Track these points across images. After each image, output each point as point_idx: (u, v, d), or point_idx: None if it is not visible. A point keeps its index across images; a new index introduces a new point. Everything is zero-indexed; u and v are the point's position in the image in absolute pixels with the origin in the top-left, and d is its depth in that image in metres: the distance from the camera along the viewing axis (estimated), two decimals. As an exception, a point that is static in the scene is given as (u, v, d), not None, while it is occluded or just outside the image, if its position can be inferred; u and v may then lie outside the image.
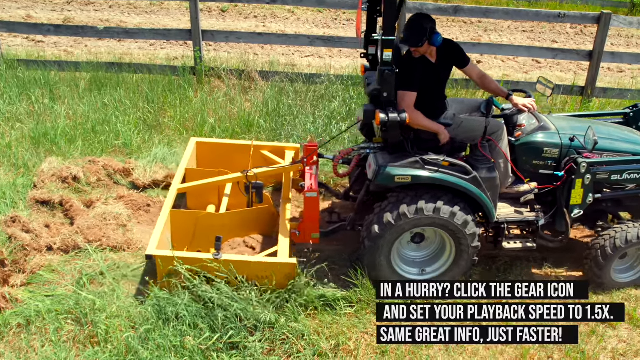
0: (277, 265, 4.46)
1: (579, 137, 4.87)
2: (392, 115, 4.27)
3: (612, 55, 8.68)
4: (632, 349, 4.53)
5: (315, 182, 4.97)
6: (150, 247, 4.41)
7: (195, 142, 5.95)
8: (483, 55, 11.51)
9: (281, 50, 10.88)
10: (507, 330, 4.12)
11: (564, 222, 4.95)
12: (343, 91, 7.91)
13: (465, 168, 4.59)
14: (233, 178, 5.29)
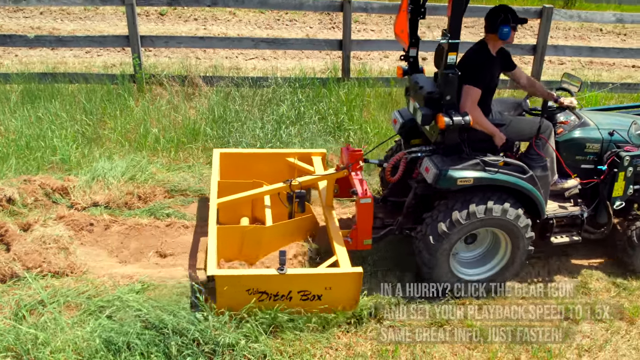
0: (343, 276, 4.35)
1: (618, 131, 5.06)
2: (456, 119, 4.26)
3: (555, 49, 8.80)
4: (596, 344, 4.52)
5: (368, 188, 4.87)
6: (210, 268, 4.20)
7: (219, 153, 5.72)
8: (428, 53, 11.53)
9: (224, 54, 10.59)
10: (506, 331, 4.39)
11: (606, 214, 5.09)
12: (291, 94, 7.72)
13: (522, 167, 4.62)
14: (276, 188, 5.15)
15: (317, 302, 4.33)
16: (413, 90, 4.82)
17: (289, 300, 4.28)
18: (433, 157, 4.59)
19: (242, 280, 4.21)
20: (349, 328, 4.38)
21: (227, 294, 4.17)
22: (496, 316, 4.68)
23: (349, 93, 7.77)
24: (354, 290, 4.39)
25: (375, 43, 8.73)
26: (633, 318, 4.80)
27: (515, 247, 4.79)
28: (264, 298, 4.24)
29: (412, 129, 5.08)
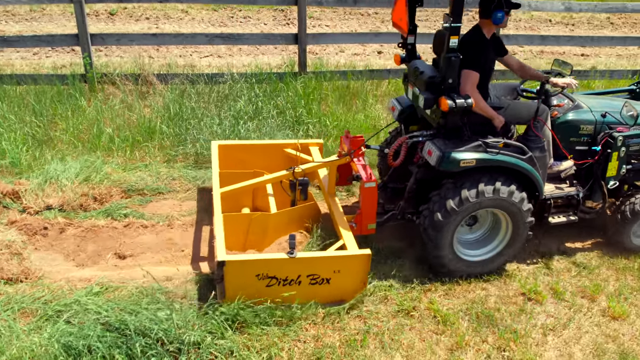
0: (352, 258, 4.36)
1: (610, 112, 5.24)
2: (459, 101, 4.34)
3: (508, 38, 8.92)
4: (560, 322, 4.58)
5: (371, 172, 4.90)
6: (219, 253, 4.15)
7: (217, 145, 5.68)
8: (383, 46, 11.59)
9: (178, 52, 10.40)
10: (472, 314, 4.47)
11: (600, 193, 5.24)
12: (248, 89, 7.61)
13: (522, 148, 4.73)
14: (279, 176, 5.15)
15: (325, 286, 4.34)
16: (413, 76, 4.87)
17: (298, 284, 4.27)
18: (435, 140, 4.67)
19: (252, 265, 4.17)
20: (316, 320, 4.33)
21: (237, 280, 4.13)
22: (462, 301, 4.71)
23: (306, 87, 7.72)
24: (363, 273, 4.42)
25: (332, 36, 8.70)
26: (594, 296, 4.89)
27: (515, 230, 4.89)
28: (273, 283, 4.21)
29: (411, 115, 5.20)
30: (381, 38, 8.78)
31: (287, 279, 4.24)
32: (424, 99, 4.55)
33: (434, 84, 4.51)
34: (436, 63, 4.79)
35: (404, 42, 5.07)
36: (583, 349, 4.36)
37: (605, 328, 4.57)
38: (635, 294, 4.99)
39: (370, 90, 8.23)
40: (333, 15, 13.52)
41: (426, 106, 4.58)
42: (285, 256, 4.21)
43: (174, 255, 5.07)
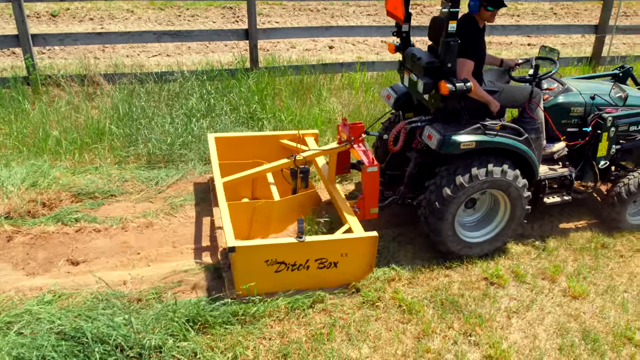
0: (360, 241, 4.38)
1: (599, 95, 5.44)
2: (458, 85, 4.43)
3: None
4: (523, 305, 4.62)
5: (373, 157, 4.91)
6: (229, 240, 4.10)
7: (214, 137, 5.66)
8: (334, 40, 11.56)
9: (125, 52, 10.12)
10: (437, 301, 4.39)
11: (592, 173, 5.44)
12: (199, 87, 7.45)
13: (518, 130, 4.85)
14: (280, 164, 5.18)
15: (333, 270, 4.37)
16: (410, 63, 4.93)
17: (306, 269, 4.29)
18: (434, 124, 4.75)
19: (261, 250, 4.15)
20: (280, 316, 4.24)
21: (246, 266, 4.12)
22: (426, 289, 4.70)
23: (259, 82, 7.60)
24: (370, 255, 4.46)
25: (283, 31, 8.60)
26: (554, 277, 4.95)
27: (514, 207, 4.99)
28: (282, 269, 4.22)
29: (406, 103, 5.31)
30: (332, 32, 8.73)
31: (296, 263, 4.25)
32: (423, 83, 4.59)
33: (433, 69, 4.56)
34: (432, 49, 4.85)
35: (399, 31, 5.10)
36: (547, 329, 4.40)
37: (566, 308, 4.63)
38: (593, 273, 5.08)
39: (324, 84, 8.17)
40: (282, 12, 13.43)
41: (425, 91, 4.63)
42: (294, 241, 4.20)
43: (130, 258, 4.89)
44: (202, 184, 5.96)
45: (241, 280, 4.18)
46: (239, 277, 4.18)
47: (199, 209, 5.58)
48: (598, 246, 5.44)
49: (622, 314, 4.63)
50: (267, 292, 4.29)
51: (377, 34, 9.24)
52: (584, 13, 15.02)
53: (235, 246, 4.03)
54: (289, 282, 4.32)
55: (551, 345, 4.25)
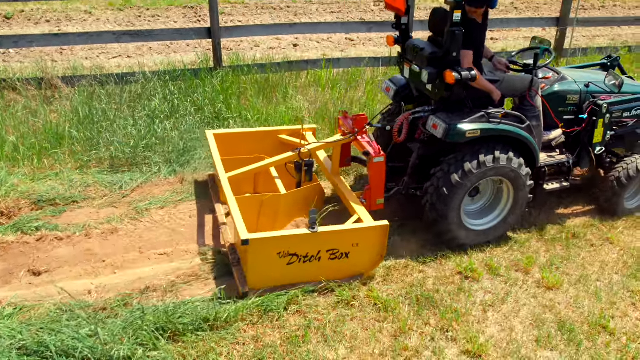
0: (371, 230, 4.39)
1: (594, 83, 5.58)
2: (464, 73, 4.51)
3: (422, 24, 8.97)
4: (499, 297, 4.59)
5: (379, 148, 4.92)
6: (242, 233, 4.04)
7: (213, 134, 5.61)
8: (298, 38, 11.45)
9: (83, 54, 9.83)
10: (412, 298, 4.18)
11: (588, 160, 5.56)
12: (162, 87, 7.26)
13: (521, 118, 4.93)
14: (285, 158, 5.14)
15: (344, 261, 4.38)
16: (412, 54, 4.99)
17: (318, 260, 4.28)
18: (438, 114, 4.81)
19: (274, 242, 4.12)
20: (253, 319, 4.12)
21: (259, 260, 4.11)
22: (400, 285, 4.63)
23: (223, 82, 7.45)
24: (381, 245, 4.47)
25: (246, 29, 8.43)
26: (527, 268, 4.94)
27: (517, 195, 5.07)
28: (294, 261, 4.21)
29: (406, 94, 5.38)
30: (296, 29, 8.61)
31: (308, 255, 4.23)
32: (427, 73, 4.66)
33: (437, 58, 4.64)
34: (434, 40, 4.92)
35: (398, 23, 5.13)
36: (523, 321, 4.38)
37: (541, 299, 4.62)
38: (565, 263, 5.09)
39: (290, 82, 8.06)
40: (245, 11, 13.27)
41: (430, 80, 4.69)
42: (306, 232, 4.19)
43: (94, 266, 4.70)
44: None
45: (254, 273, 4.17)
46: (251, 270, 4.16)
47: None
48: (569, 236, 5.46)
49: (595, 303, 4.63)
50: (278, 285, 4.28)
51: (341, 31, 9.17)
52: (543, 7, 15.23)
53: (249, 239, 3.99)
54: (300, 274, 4.30)
55: (528, 338, 4.22)
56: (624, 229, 5.66)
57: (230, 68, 7.80)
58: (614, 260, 5.18)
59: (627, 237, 5.54)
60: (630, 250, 5.33)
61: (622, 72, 6.35)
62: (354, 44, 11.56)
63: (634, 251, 5.32)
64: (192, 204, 5.54)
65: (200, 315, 3.98)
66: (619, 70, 6.33)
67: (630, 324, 4.44)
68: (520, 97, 5.18)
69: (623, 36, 12.78)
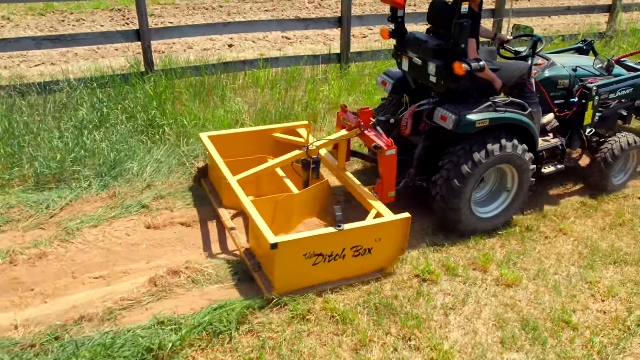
0: (394, 224, 4.39)
1: (581, 67, 5.82)
2: (474, 65, 4.57)
3: (361, 19, 8.80)
4: (459, 299, 4.41)
5: (391, 140, 4.85)
6: (270, 237, 3.97)
7: (207, 136, 5.49)
8: (233, 38, 11.08)
9: (2, 63, 9.16)
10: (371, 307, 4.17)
11: (580, 141, 5.72)
12: (89, 96, 6.77)
13: (523, 105, 5.01)
14: (293, 157, 5.02)
15: (367, 257, 4.39)
16: (414, 47, 5.01)
17: (343, 259, 4.27)
18: (445, 106, 4.84)
19: (302, 244, 4.07)
20: (202, 344, 3.78)
21: (286, 263, 4.06)
22: (357, 294, 4.38)
23: (156, 87, 7.01)
24: (403, 238, 4.48)
25: (178, 30, 7.98)
26: (485, 266, 4.79)
27: (522, 180, 5.15)
28: (320, 261, 4.18)
29: (403, 88, 5.43)
30: (231, 28, 8.22)
31: (333, 254, 4.22)
32: (435, 66, 4.70)
33: (443, 51, 4.68)
34: (435, 33, 4.99)
35: (394, 16, 5.14)
36: (486, 323, 4.21)
37: (502, 297, 4.48)
38: (522, 257, 4.98)
39: (228, 84, 7.70)
40: (176, 12, 12.78)
41: (438, 73, 4.70)
42: (333, 230, 4.15)
43: (22, 297, 4.25)
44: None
45: (280, 277, 4.12)
46: (278, 274, 4.10)
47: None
48: (523, 230, 5.35)
49: (556, 297, 4.52)
50: (305, 287, 4.26)
51: (278, 29, 8.87)
52: (476, -1, 15.32)
53: (278, 242, 3.92)
54: (326, 274, 4.29)
55: (493, 340, 4.05)
56: (576, 219, 5.61)
57: (163, 72, 7.37)
58: (569, 252, 5.11)
59: (579, 227, 5.49)
60: (584, 241, 5.27)
61: (595, 54, 6.61)
62: (291, 42, 11.28)
63: (587, 241, 5.27)
64: (128, 220, 5.13)
65: (143, 346, 3.62)
66: (593, 53, 6.65)
67: (592, 317, 4.35)
68: (521, 85, 5.26)
69: (555, 26, 13.01)
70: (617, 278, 4.81)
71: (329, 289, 4.34)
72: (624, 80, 5.92)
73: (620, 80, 5.89)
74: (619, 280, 4.79)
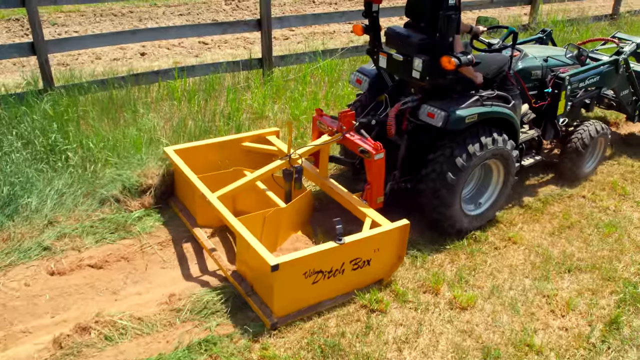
0: (393, 232, 4.17)
1: (552, 56, 5.81)
2: (463, 58, 4.35)
3: (281, 21, 8.25)
4: (412, 330, 3.96)
5: (379, 144, 4.56)
6: (269, 258, 3.67)
7: (173, 150, 5.07)
8: (145, 46, 10.29)
9: None
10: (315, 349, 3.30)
11: (554, 132, 5.67)
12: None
13: (507, 98, 4.89)
14: (275, 167, 4.65)
15: (366, 269, 4.17)
16: (394, 43, 4.83)
17: (342, 273, 4.04)
18: (430, 102, 4.65)
19: (303, 262, 3.79)
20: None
21: (287, 284, 3.78)
22: (299, 335, 3.85)
23: (56, 105, 6.20)
24: (401, 246, 4.27)
25: (79, 40, 7.15)
26: (436, 288, 4.37)
27: (507, 174, 5.04)
28: (319, 279, 3.94)
29: (379, 85, 5.24)
30: (140, 36, 7.47)
31: (332, 269, 3.98)
32: (422, 61, 4.47)
33: (429, 45, 4.48)
34: (414, 26, 4.77)
35: (368, 11, 4.88)
36: (444, 355, 3.78)
37: (458, 323, 4.06)
38: (474, 273, 4.60)
39: (140, 98, 6.98)
40: (81, 19, 11.81)
41: (425, 68, 4.48)
42: (334, 245, 3.89)
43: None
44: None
45: (280, 300, 3.83)
46: (277, 297, 3.80)
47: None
48: (471, 241, 4.98)
49: (514, 316, 4.16)
50: (304, 308, 3.99)
51: (192, 34, 8.14)
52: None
53: (279, 263, 3.62)
54: (325, 291, 4.05)
55: (453, 376, 3.63)
56: (523, 224, 5.31)
57: (65, 88, 6.57)
58: (521, 263, 4.77)
59: (527, 233, 5.18)
60: (534, 249, 4.96)
61: (553, 44, 6.73)
62: (208, 47, 10.61)
63: (538, 249, 4.96)
64: (27, 266, 4.39)
65: None
66: (551, 43, 6.71)
67: (554, 337, 4.00)
68: (502, 77, 5.10)
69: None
70: (573, 288, 4.51)
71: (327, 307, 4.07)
72: (592, 69, 5.95)
73: (589, 68, 5.91)
74: (576, 290, 4.49)
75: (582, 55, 5.94)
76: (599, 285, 4.57)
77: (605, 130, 6.03)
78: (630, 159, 6.77)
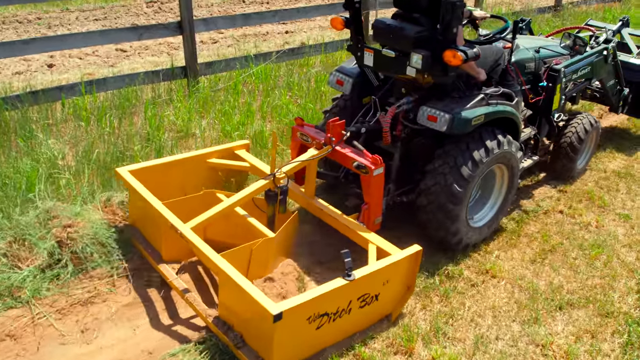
0: (404, 261, 3.60)
1: (544, 47, 5.40)
2: (469, 52, 3.88)
3: (206, 22, 7.26)
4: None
5: (378, 157, 3.96)
6: (269, 307, 2.95)
7: (127, 171, 4.28)
8: (54, 56, 9.08)
9: None
10: None
11: (550, 128, 5.27)
12: None
13: (510, 94, 4.46)
14: (258, 189, 3.94)
15: (374, 305, 3.58)
16: (386, 36, 4.25)
17: (349, 313, 3.44)
18: (430, 104, 4.14)
19: (308, 307, 3.16)
20: None
21: (287, 333, 3.11)
22: None
23: None
24: (411, 275, 3.72)
25: None
26: (410, 347, 3.52)
27: (512, 178, 4.59)
28: (324, 322, 3.32)
29: (363, 86, 4.70)
30: (36, 46, 6.21)
31: (338, 310, 3.38)
32: (421, 57, 3.96)
33: (427, 38, 4.00)
34: (404, 17, 4.25)
35: (350, 2, 4.33)
36: None
37: (442, 396, 3.23)
38: (452, 322, 3.78)
39: (39, 120, 5.87)
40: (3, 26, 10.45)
41: (425, 65, 3.98)
42: (343, 283, 3.28)
43: None
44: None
45: (280, 353, 3.14)
46: (277, 349, 3.12)
47: None
48: (443, 278, 4.18)
49: (507, 379, 3.37)
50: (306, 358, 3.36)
51: (103, 41, 7.00)
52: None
53: (283, 311, 2.97)
54: (329, 335, 3.43)
55: None
56: (499, 252, 4.55)
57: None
58: (505, 303, 4.00)
59: (505, 262, 4.43)
60: (517, 282, 4.21)
61: (531, 34, 6.26)
62: (127, 55, 9.48)
63: (521, 282, 4.21)
64: None
65: None
66: (529, 33, 6.22)
67: (560, 403, 3.23)
68: (502, 72, 4.64)
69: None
70: (569, 331, 3.77)
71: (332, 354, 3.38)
72: (583, 59, 5.51)
73: (581, 59, 5.48)
74: (573, 333, 3.75)
75: (576, 45, 5.47)
76: (597, 324, 3.85)
77: (597, 124, 5.70)
78: (601, 162, 6.17)
